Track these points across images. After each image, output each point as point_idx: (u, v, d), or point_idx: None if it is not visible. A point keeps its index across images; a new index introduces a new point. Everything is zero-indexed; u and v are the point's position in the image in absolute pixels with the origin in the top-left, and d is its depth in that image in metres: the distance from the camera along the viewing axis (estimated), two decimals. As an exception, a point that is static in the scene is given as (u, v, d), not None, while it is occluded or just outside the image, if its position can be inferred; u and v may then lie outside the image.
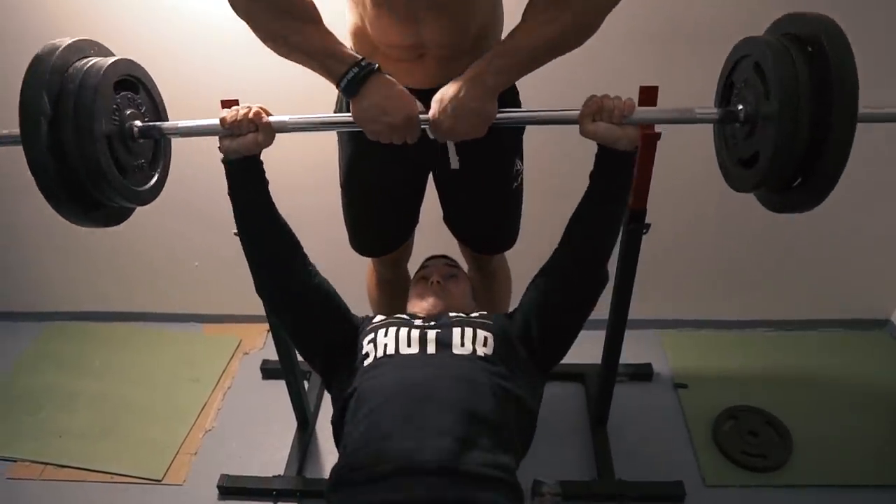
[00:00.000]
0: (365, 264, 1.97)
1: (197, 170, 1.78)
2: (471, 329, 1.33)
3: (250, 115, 1.17)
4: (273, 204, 1.28)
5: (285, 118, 1.20)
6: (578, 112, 1.15)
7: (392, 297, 1.87)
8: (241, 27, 1.81)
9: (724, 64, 1.18)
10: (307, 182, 2.11)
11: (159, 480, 1.93)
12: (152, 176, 1.25)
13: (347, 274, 2.31)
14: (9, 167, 2.25)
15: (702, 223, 2.20)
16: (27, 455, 2.02)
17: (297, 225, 1.33)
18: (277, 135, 1.21)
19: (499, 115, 1.21)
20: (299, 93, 1.62)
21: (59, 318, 2.58)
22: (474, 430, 1.17)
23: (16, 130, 1.02)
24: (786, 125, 0.96)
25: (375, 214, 1.67)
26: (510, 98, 1.50)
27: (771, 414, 2.01)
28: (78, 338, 2.50)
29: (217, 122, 1.17)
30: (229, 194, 1.26)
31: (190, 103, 1.98)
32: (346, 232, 1.73)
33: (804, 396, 2.10)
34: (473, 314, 1.42)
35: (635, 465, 1.90)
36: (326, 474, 1.92)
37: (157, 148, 1.26)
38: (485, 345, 1.31)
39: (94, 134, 1.05)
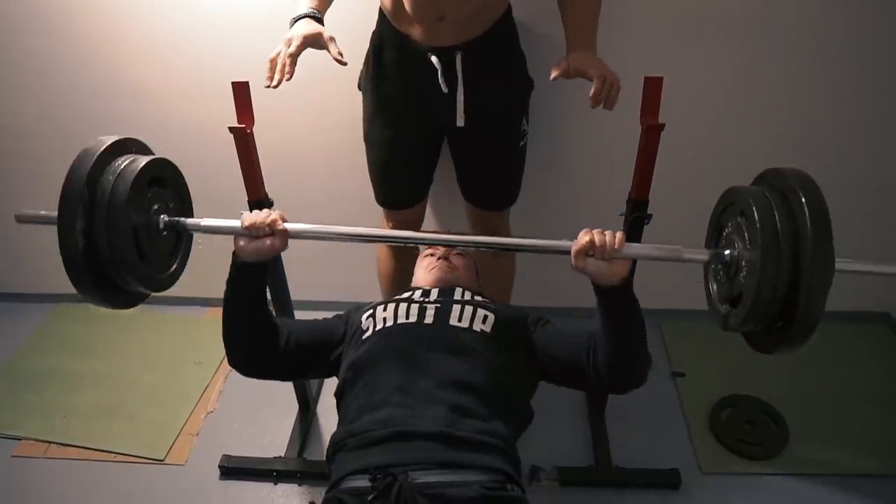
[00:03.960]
0: (372, 247, 2.01)
1: (200, 154, 1.79)
2: (471, 307, 1.37)
3: (268, 220, 1.20)
4: (266, 306, 1.32)
5: (299, 226, 1.23)
6: (571, 245, 1.15)
7: (402, 266, 1.92)
8: (249, 11, 1.83)
9: (715, 206, 1.21)
10: (313, 165, 2.13)
11: (161, 460, 1.96)
12: (171, 264, 1.29)
13: (351, 261, 2.34)
14: (13, 149, 2.28)
15: (703, 213, 2.20)
16: (32, 434, 2.05)
17: (304, 209, 1.35)
18: (289, 118, 1.22)
19: (498, 241, 1.37)
20: (307, 78, 1.64)
21: (65, 300, 2.60)
22: (467, 398, 1.21)
23: (53, 213, 1.10)
24: (765, 280, 1.00)
25: (393, 165, 1.78)
26: (519, 75, 1.68)
27: (768, 403, 2.02)
28: (83, 320, 2.52)
29: (238, 223, 1.21)
30: (227, 283, 1.28)
31: (200, 86, 2.00)
32: (345, 217, 1.76)
33: (801, 386, 2.11)
34: (477, 297, 1.46)
35: (632, 452, 1.92)
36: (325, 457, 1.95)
37: (178, 240, 1.31)
38: (483, 322, 1.34)
39: (124, 228, 1.11)
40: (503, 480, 1.16)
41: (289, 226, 1.22)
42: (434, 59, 1.53)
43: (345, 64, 1.43)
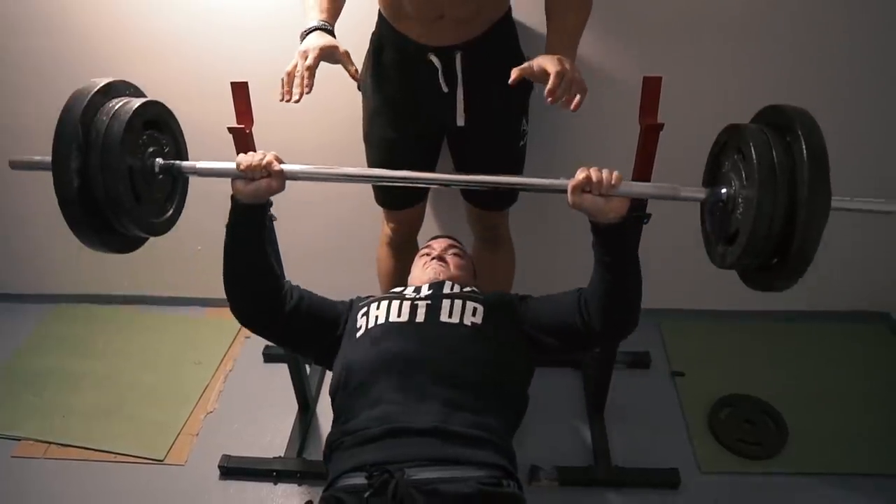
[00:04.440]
0: (372, 246, 2.02)
1: (200, 153, 1.79)
2: (460, 301, 1.38)
3: (263, 162, 1.21)
4: (266, 250, 1.32)
5: (296, 167, 1.25)
6: (568, 182, 1.16)
7: (402, 266, 1.92)
8: (249, 10, 1.82)
9: (713, 145, 1.22)
10: (317, 163, 2.13)
11: (161, 460, 1.96)
12: (168, 208, 1.30)
13: (351, 261, 2.34)
14: (13, 151, 2.27)
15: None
16: (32, 434, 2.05)
17: (304, 208, 1.35)
18: (289, 118, 1.23)
19: (496, 180, 1.31)
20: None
21: (64, 300, 2.60)
22: (460, 394, 1.22)
23: (48, 158, 1.09)
24: (761, 215, 1.00)
25: (393, 165, 1.79)
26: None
27: (767, 403, 2.03)
28: (82, 320, 2.52)
29: (233, 165, 1.22)
30: (227, 228, 1.29)
31: (200, 86, 2.00)
32: (346, 215, 1.77)
33: (801, 386, 2.11)
34: (466, 289, 1.47)
35: (632, 451, 1.92)
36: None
37: (175, 182, 1.32)
38: (474, 314, 1.35)
39: (119, 168, 1.12)
40: (499, 476, 1.16)
41: (285, 167, 1.23)
42: (434, 58, 1.53)
43: (361, 83, 1.42)
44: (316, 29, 1.42)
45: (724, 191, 1.12)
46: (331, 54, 1.38)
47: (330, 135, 2.06)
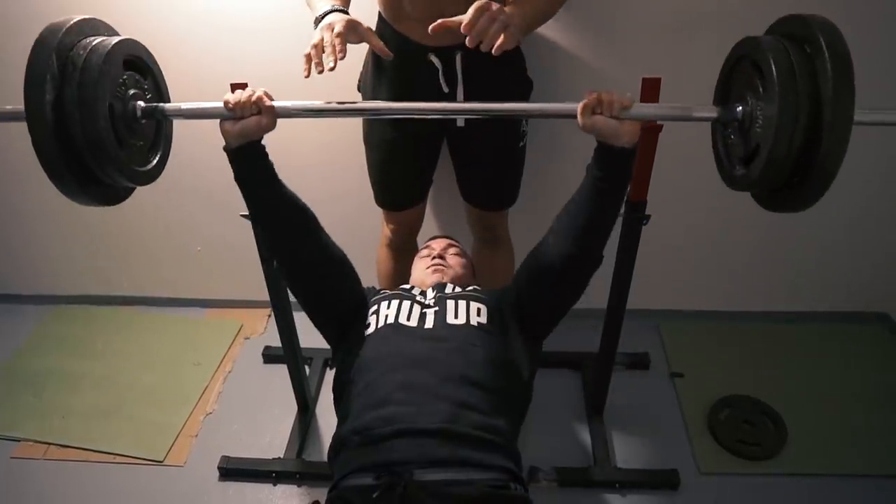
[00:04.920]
0: (372, 246, 2.02)
1: (199, 153, 1.79)
2: (464, 301, 1.39)
3: (253, 97, 1.17)
4: (281, 184, 1.29)
5: (287, 103, 1.21)
6: (578, 105, 1.15)
7: (402, 267, 1.93)
8: (249, 11, 1.81)
9: (724, 63, 1.19)
10: (313, 164, 2.13)
11: (160, 461, 1.96)
12: (152, 158, 1.25)
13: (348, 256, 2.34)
14: (13, 151, 2.28)
15: (701, 214, 2.21)
16: (31, 435, 2.05)
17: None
18: (288, 120, 1.22)
19: (501, 108, 1.28)
20: (307, 78, 1.65)
21: (63, 301, 2.60)
22: (468, 394, 1.22)
23: (20, 106, 1.02)
24: (783, 126, 0.97)
25: (393, 166, 1.79)
26: (519, 76, 1.67)
27: (766, 403, 2.03)
28: (81, 321, 2.52)
29: (220, 104, 1.18)
30: (236, 180, 1.26)
31: (199, 87, 2.00)
32: (346, 215, 1.76)
33: (800, 387, 2.11)
34: (469, 288, 1.48)
35: (631, 452, 1.92)
36: (326, 457, 1.95)
37: (158, 130, 1.26)
38: (479, 314, 1.36)
39: (98, 104, 1.04)
40: (506, 479, 1.16)
41: (276, 103, 1.20)
42: (434, 58, 1.54)
43: (389, 56, 1.39)
44: (332, 11, 1.36)
45: (739, 108, 1.09)
46: (354, 28, 1.31)
47: (330, 135, 2.07)
